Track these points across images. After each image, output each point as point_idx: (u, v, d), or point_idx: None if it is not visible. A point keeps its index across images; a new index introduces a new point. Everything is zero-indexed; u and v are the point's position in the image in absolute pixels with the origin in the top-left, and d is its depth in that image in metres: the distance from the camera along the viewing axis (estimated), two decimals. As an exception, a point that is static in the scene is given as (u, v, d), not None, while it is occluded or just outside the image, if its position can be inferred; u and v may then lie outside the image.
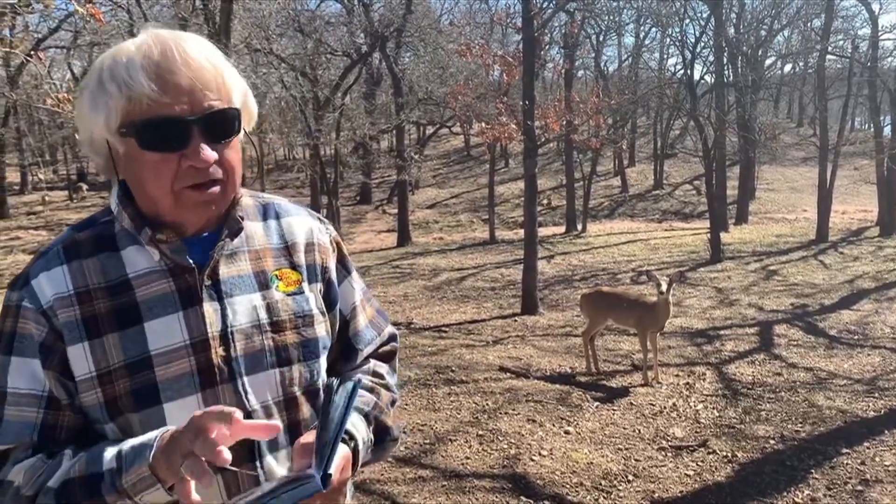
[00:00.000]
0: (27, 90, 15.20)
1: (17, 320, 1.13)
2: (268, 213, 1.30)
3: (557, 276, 14.48)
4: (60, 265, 1.15)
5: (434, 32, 23.09)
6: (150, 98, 1.06)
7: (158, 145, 1.08)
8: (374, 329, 1.39)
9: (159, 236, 1.15)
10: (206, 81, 1.09)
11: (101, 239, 1.18)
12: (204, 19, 12.51)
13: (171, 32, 1.12)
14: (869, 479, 4.64)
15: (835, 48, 24.22)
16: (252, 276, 1.22)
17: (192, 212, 1.14)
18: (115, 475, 1.03)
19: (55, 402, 1.12)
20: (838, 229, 20.17)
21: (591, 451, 5.27)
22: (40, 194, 30.51)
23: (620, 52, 39.88)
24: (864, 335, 8.58)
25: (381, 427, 1.30)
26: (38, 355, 1.12)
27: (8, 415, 1.12)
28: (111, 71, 1.09)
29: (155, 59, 1.07)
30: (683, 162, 34.81)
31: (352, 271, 1.38)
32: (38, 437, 1.11)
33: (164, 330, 1.14)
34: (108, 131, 1.10)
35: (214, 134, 1.11)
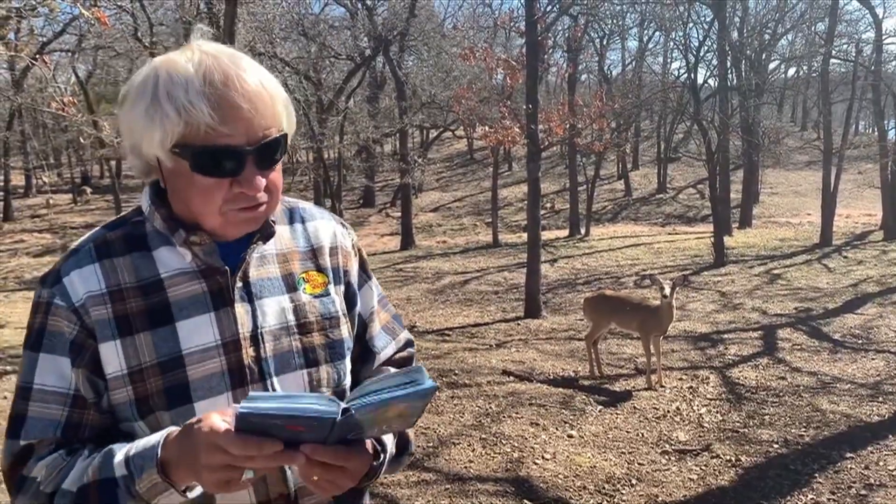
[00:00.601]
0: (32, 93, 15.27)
1: (47, 317, 1.14)
2: (294, 216, 1.32)
3: (561, 279, 14.47)
4: (92, 263, 1.17)
5: (437, 36, 23.11)
6: (209, 126, 1.06)
7: (212, 171, 1.10)
8: (389, 334, 1.39)
9: (193, 238, 1.16)
10: (261, 111, 1.11)
11: (132, 238, 1.20)
12: (208, 23, 12.54)
13: (228, 54, 1.12)
14: (873, 484, 4.63)
15: (838, 52, 24.24)
16: (280, 279, 1.24)
17: (236, 228, 1.16)
18: (129, 482, 1.04)
19: (81, 401, 1.13)
20: (842, 233, 20.13)
21: (595, 454, 5.26)
22: (45, 197, 30.61)
23: (624, 56, 39.92)
24: (869, 339, 8.56)
25: (404, 440, 1.30)
26: (69, 353, 1.13)
27: (33, 411, 1.13)
28: (167, 89, 1.08)
29: (217, 88, 1.07)
30: (687, 166, 34.80)
31: (371, 277, 1.40)
32: (61, 434, 1.12)
33: (196, 330, 1.16)
34: (161, 149, 1.10)
35: (265, 161, 1.13)
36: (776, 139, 27.89)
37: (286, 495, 1.19)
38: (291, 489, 1.19)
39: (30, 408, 1.13)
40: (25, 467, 1.11)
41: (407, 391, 0.96)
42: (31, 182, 33.03)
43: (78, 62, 27.57)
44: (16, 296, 15.20)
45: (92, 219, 28.68)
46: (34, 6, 7.53)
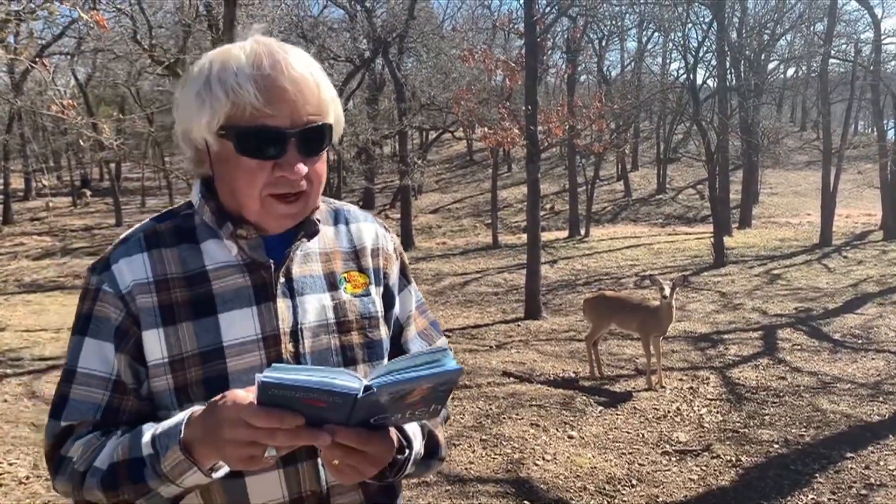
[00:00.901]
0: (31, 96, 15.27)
1: (95, 303, 1.18)
2: (338, 218, 1.34)
3: (561, 280, 14.47)
4: (141, 252, 1.20)
5: (437, 38, 23.12)
6: (254, 107, 1.10)
7: (255, 152, 1.12)
8: (425, 339, 1.38)
9: (240, 232, 1.19)
10: (307, 96, 1.13)
11: (181, 230, 1.23)
12: (207, 25, 12.55)
13: (279, 44, 1.16)
14: (873, 484, 4.63)
15: (838, 52, 24.20)
16: (322, 277, 1.26)
17: (274, 220, 1.18)
18: (155, 461, 1.06)
19: (122, 386, 1.16)
20: (842, 233, 20.13)
21: (595, 455, 5.26)
22: (44, 200, 30.60)
23: (623, 57, 39.90)
24: (869, 339, 8.56)
25: (434, 442, 1.28)
26: (113, 339, 1.16)
27: (75, 393, 1.16)
28: (220, 75, 1.12)
29: (264, 71, 1.11)
30: (686, 166, 34.81)
31: (411, 282, 1.41)
32: (100, 417, 1.15)
33: (237, 322, 1.18)
34: (208, 131, 1.14)
35: (308, 148, 1.15)
36: (775, 139, 27.86)
37: (318, 493, 1.19)
38: (324, 487, 1.20)
39: (72, 390, 1.16)
40: (63, 447, 1.14)
41: (431, 370, 0.95)
42: (31, 185, 33.02)
43: (77, 65, 27.57)
44: (15, 299, 15.20)
45: (92, 221, 28.70)
46: (33, 9, 7.54)
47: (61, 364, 3.94)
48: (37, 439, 5.43)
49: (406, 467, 1.16)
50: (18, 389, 6.90)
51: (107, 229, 27.58)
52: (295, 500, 1.18)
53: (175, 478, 1.05)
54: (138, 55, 15.32)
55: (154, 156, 32.56)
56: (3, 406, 6.51)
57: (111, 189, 29.86)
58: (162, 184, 35.89)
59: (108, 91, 30.11)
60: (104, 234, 26.67)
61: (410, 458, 1.16)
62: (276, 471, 1.16)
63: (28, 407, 6.33)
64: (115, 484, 1.08)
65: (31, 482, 4.70)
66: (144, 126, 20.44)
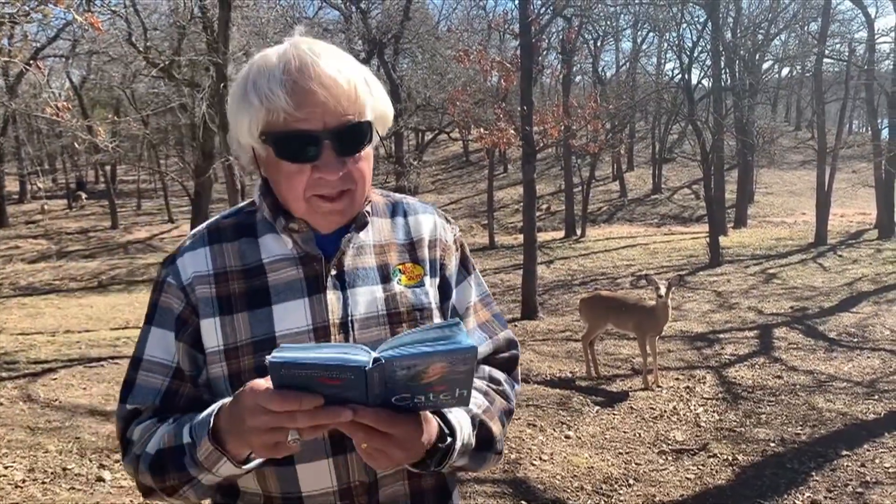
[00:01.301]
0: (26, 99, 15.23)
1: (160, 294, 1.25)
2: (397, 210, 1.36)
3: (557, 280, 14.49)
4: (204, 247, 1.26)
5: (432, 39, 23.13)
6: (286, 112, 1.12)
7: (292, 156, 1.16)
8: (485, 332, 1.36)
9: (291, 225, 1.23)
10: (338, 97, 1.14)
11: (242, 226, 1.28)
12: (202, 27, 12.54)
13: (312, 45, 1.17)
14: (869, 482, 4.64)
15: (832, 52, 24.28)
16: (375, 269, 1.27)
17: (322, 219, 1.22)
18: (192, 449, 1.09)
19: (180, 373, 1.22)
20: (837, 232, 20.19)
21: (592, 455, 5.27)
22: (39, 203, 30.53)
23: (618, 57, 40.01)
24: (864, 338, 8.58)
25: (487, 435, 1.24)
26: (174, 327, 1.22)
27: (140, 379, 1.23)
28: (254, 80, 1.16)
29: (292, 75, 1.13)
30: (682, 166, 34.87)
31: (472, 272, 1.40)
32: (160, 402, 1.21)
33: (289, 313, 1.21)
34: (251, 137, 1.18)
35: (345, 148, 1.16)
36: (770, 139, 27.94)
37: (366, 483, 1.21)
38: (373, 476, 1.21)
39: (138, 376, 1.23)
40: (129, 430, 1.21)
41: (441, 348, 0.93)
42: (26, 188, 32.95)
43: (72, 67, 27.49)
44: (10, 302, 15.17)
45: (87, 224, 28.63)
46: (28, 12, 7.52)
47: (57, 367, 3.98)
48: (32, 443, 5.42)
49: (451, 457, 1.13)
50: (14, 393, 6.88)
51: (102, 232, 27.52)
52: (344, 489, 1.20)
53: (210, 466, 1.08)
54: (133, 57, 15.30)
55: (149, 158, 32.50)
56: (0, 409, 6.49)
57: (106, 192, 29.81)
58: (157, 186, 35.84)
59: (103, 93, 30.02)
60: (99, 237, 26.61)
61: (454, 447, 1.13)
62: (325, 460, 1.19)
63: (24, 410, 6.31)
64: (162, 469, 1.13)
65: (27, 485, 4.69)
66: (140, 128, 20.42)
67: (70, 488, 4.62)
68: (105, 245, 25.39)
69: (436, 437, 1.10)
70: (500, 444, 1.28)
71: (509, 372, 1.37)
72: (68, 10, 7.13)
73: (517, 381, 1.39)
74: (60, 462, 5.03)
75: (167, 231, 28.19)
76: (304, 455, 1.16)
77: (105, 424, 5.82)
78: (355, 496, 1.20)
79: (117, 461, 5.05)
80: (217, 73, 10.97)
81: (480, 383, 1.29)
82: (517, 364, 1.40)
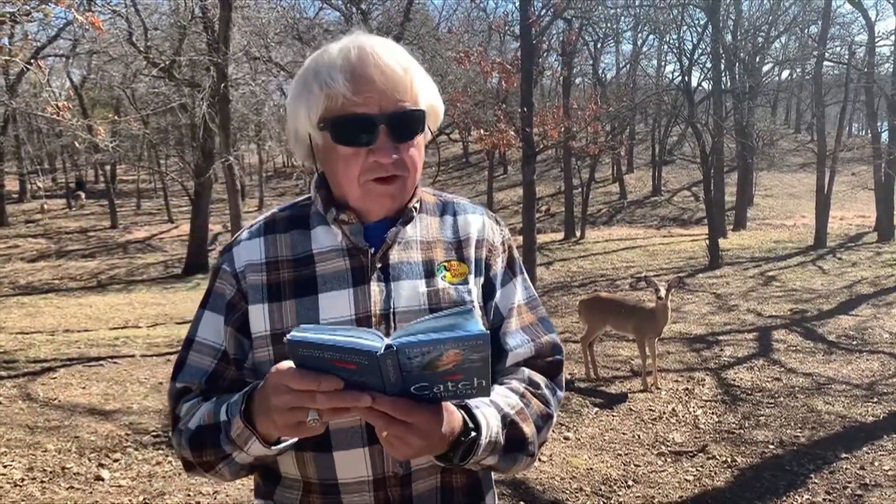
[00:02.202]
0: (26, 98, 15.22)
1: (215, 280, 1.31)
2: (446, 210, 1.39)
3: (556, 282, 14.49)
4: (259, 237, 1.31)
5: (432, 40, 23.12)
6: (345, 97, 1.17)
7: (348, 140, 1.20)
8: (528, 334, 1.34)
9: (342, 217, 1.27)
10: (395, 84, 1.19)
11: (296, 218, 1.33)
12: (203, 28, 12.55)
13: (370, 38, 1.23)
14: (868, 484, 4.64)
15: (832, 54, 24.29)
16: (420, 264, 1.29)
17: (375, 202, 1.25)
18: (227, 426, 1.15)
19: (227, 356, 1.27)
20: (836, 235, 20.20)
21: (591, 456, 5.27)
22: (39, 202, 30.53)
23: (618, 59, 39.96)
24: (863, 340, 8.59)
25: (518, 435, 1.22)
26: (224, 312, 1.28)
27: (191, 359, 1.29)
28: (315, 70, 1.21)
29: (352, 62, 1.19)
30: (681, 168, 34.89)
31: (518, 275, 1.40)
32: (206, 382, 1.27)
33: (334, 303, 1.25)
34: (310, 125, 1.23)
35: (400, 133, 1.21)
36: (770, 141, 27.98)
37: (400, 475, 1.23)
38: (405, 469, 1.23)
39: (189, 356, 1.29)
40: (178, 407, 1.27)
41: (456, 334, 0.95)
42: (26, 187, 32.95)
43: (72, 67, 27.51)
44: (10, 301, 15.16)
45: (86, 224, 28.63)
46: (28, 11, 7.52)
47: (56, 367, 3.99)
48: (31, 442, 5.42)
49: (476, 452, 1.13)
50: (13, 392, 6.88)
51: (101, 231, 27.52)
52: (378, 479, 1.23)
53: (242, 445, 1.13)
54: (134, 57, 15.30)
55: (149, 158, 32.49)
56: (0, 409, 6.49)
57: (106, 191, 29.81)
58: (157, 186, 35.84)
59: (104, 93, 30.01)
60: (99, 237, 26.61)
61: (479, 441, 1.12)
62: (362, 448, 1.21)
63: (23, 409, 6.31)
64: (200, 444, 1.19)
65: (26, 484, 4.69)
66: (139, 128, 20.40)
67: (69, 487, 4.62)
68: (104, 245, 25.39)
69: (459, 430, 1.10)
70: (532, 446, 1.25)
71: (552, 377, 1.34)
72: (69, 9, 7.12)
73: (560, 387, 1.36)
74: (59, 461, 5.03)
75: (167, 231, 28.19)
76: (341, 442, 1.21)
77: (104, 424, 5.82)
78: (388, 487, 1.23)
79: (116, 460, 5.05)
80: (217, 74, 10.98)
81: (518, 385, 1.28)
82: (561, 370, 1.37)
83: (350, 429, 1.20)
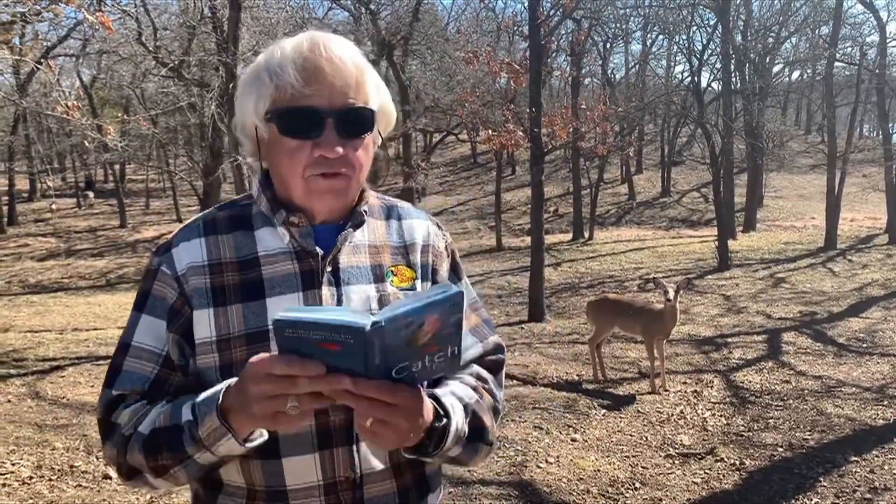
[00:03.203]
0: (37, 98, 15.30)
1: (153, 282, 1.25)
2: (391, 213, 1.38)
3: (564, 283, 14.46)
4: (199, 237, 1.26)
5: (441, 40, 23.13)
6: (294, 88, 1.16)
7: (295, 132, 1.18)
8: (476, 336, 1.37)
9: (292, 219, 1.24)
10: (346, 78, 1.18)
11: (238, 218, 1.29)
12: (212, 28, 12.58)
13: (323, 34, 1.22)
14: (878, 488, 4.61)
15: (843, 55, 24.16)
16: (369, 269, 1.28)
17: (319, 199, 1.22)
18: (193, 426, 1.10)
19: (170, 362, 1.22)
20: (847, 237, 20.08)
21: (598, 458, 5.25)
22: (49, 201, 30.67)
23: (627, 60, 39.86)
24: (874, 343, 8.53)
25: (479, 424, 1.24)
26: (166, 316, 1.22)
27: (128, 365, 1.23)
28: (266, 62, 1.20)
29: (303, 54, 1.17)
30: (691, 169, 34.76)
31: (462, 278, 1.42)
32: (148, 388, 1.21)
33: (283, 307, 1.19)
34: (256, 116, 1.21)
35: (347, 129, 1.19)
36: (780, 143, 27.86)
37: (351, 479, 1.21)
38: (357, 472, 1.21)
39: (126, 362, 1.23)
40: (114, 414, 1.20)
41: (436, 297, 0.95)
42: (36, 186, 33.11)
43: (82, 67, 27.63)
44: (20, 300, 15.24)
45: (96, 223, 28.74)
46: (39, 11, 7.56)
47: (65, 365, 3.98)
48: (40, 440, 5.44)
49: (447, 439, 1.14)
50: (22, 390, 6.91)
51: (110, 231, 27.63)
52: (329, 484, 1.20)
53: (210, 444, 1.09)
54: (143, 57, 15.34)
55: (158, 157, 32.60)
56: (7, 406, 6.52)
57: (115, 190, 29.92)
58: (166, 185, 35.94)
59: (113, 93, 30.12)
60: (108, 236, 26.71)
61: (450, 428, 1.14)
62: (312, 454, 1.19)
63: (31, 408, 6.34)
64: (155, 448, 1.14)
65: (35, 482, 4.70)
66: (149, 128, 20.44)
67: (77, 486, 4.63)
68: (113, 244, 25.48)
69: (433, 416, 1.11)
70: (491, 435, 1.28)
71: (494, 373, 1.37)
72: (79, 9, 7.16)
73: (502, 385, 1.39)
74: (67, 459, 5.04)
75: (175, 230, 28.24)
76: (290, 449, 1.18)
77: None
78: (340, 492, 1.21)
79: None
80: (226, 73, 11.00)
81: (470, 379, 1.30)
82: (502, 368, 1.41)
83: (299, 435, 1.17)
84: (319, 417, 1.19)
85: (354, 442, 1.20)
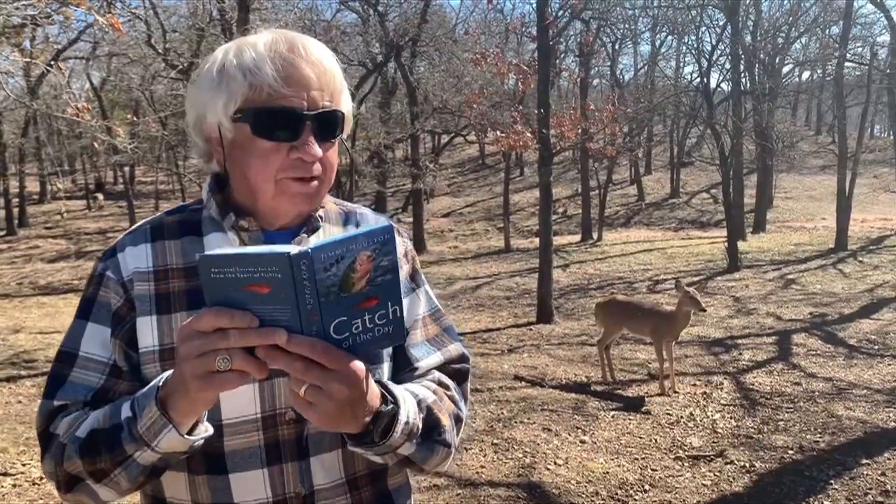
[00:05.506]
0: (47, 100, 15.39)
1: (98, 288, 1.20)
2: (349, 220, 1.34)
3: (573, 284, 14.43)
4: (145, 243, 1.22)
5: (449, 42, 23.15)
6: (272, 88, 1.11)
7: (271, 133, 1.13)
8: (434, 345, 1.32)
9: (241, 223, 1.20)
10: (324, 82, 1.15)
11: (187, 224, 1.24)
12: (221, 30, 12.61)
13: (296, 34, 1.18)
14: (889, 490, 4.57)
15: (853, 55, 24.06)
16: None
17: (289, 202, 1.17)
18: (132, 422, 1.04)
19: (116, 371, 1.17)
20: (857, 238, 19.96)
21: (607, 460, 5.23)
22: (59, 203, 30.82)
23: (636, 61, 39.83)
24: (885, 345, 8.47)
25: (434, 422, 1.18)
26: (110, 323, 1.18)
27: (74, 376, 1.18)
28: (237, 58, 1.14)
29: (283, 53, 1.12)
30: (700, 170, 34.66)
31: (421, 286, 1.38)
32: (91, 398, 1.16)
33: None
34: (224, 114, 1.15)
35: (323, 132, 1.15)
36: (790, 143, 27.72)
37: (302, 495, 1.17)
38: (307, 489, 1.17)
39: (72, 373, 1.18)
40: (52, 425, 1.15)
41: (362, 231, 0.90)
42: (46, 188, 33.30)
43: (92, 69, 27.78)
44: (30, 301, 15.32)
45: (105, 225, 28.90)
46: (49, 14, 7.60)
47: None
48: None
49: (395, 430, 1.07)
50: (33, 391, 6.94)
51: (120, 232, 27.66)
52: (278, 501, 1.16)
53: (150, 440, 1.02)
54: (152, 59, 15.42)
55: (168, 159, 32.73)
56: (18, 407, 6.55)
57: (125, 192, 30.05)
58: (175, 187, 36.06)
59: (123, 95, 30.28)
60: (118, 238, 26.85)
61: (398, 416, 1.07)
62: (260, 469, 1.15)
63: (42, 408, 6.36)
64: (93, 451, 1.07)
65: (45, 483, 4.72)
66: (158, 130, 20.55)
67: (86, 487, 4.63)
68: (123, 245, 25.60)
69: (379, 401, 1.04)
70: (450, 436, 1.21)
71: (458, 382, 1.32)
72: (89, 11, 7.19)
73: (467, 396, 1.34)
74: (77, 460, 5.05)
75: (185, 232, 28.33)
76: (238, 465, 1.14)
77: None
78: None
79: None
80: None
81: (429, 383, 1.25)
82: (467, 378, 1.35)
83: (247, 450, 1.13)
84: (268, 431, 1.15)
85: (305, 456, 1.17)
